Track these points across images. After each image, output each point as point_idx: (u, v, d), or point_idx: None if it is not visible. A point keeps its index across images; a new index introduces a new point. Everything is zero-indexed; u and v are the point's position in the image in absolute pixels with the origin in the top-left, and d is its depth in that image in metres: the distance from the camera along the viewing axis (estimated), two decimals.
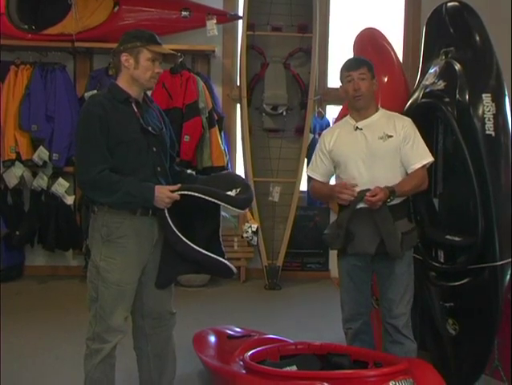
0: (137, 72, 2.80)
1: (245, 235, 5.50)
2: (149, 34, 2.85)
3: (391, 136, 3.09)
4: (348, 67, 3.16)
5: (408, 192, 3.15)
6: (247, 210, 4.74)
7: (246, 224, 5.52)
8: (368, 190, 2.99)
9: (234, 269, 2.87)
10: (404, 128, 3.12)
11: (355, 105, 3.16)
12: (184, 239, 2.73)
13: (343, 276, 3.22)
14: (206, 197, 2.71)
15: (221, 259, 2.80)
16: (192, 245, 2.73)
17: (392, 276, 3.11)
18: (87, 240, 2.99)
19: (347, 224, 3.04)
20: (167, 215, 2.73)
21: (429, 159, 3.15)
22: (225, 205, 2.76)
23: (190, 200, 2.73)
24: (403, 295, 3.12)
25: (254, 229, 5.52)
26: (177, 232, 2.73)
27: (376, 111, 3.18)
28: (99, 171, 2.69)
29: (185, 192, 2.72)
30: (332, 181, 3.32)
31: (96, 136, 2.71)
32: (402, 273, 3.11)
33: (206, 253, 2.75)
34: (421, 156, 3.12)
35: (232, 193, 2.81)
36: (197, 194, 2.72)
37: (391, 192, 3.00)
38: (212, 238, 2.88)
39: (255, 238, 5.52)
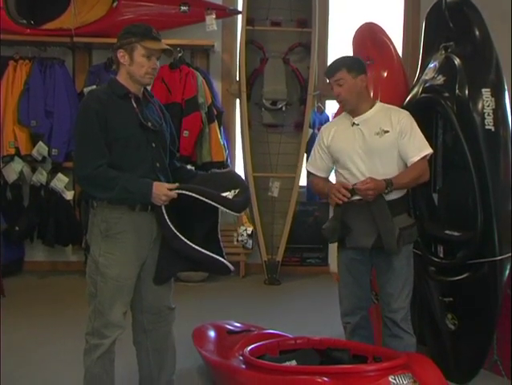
0: (132, 68, 2.79)
1: (240, 238, 5.50)
2: (145, 28, 2.81)
3: (387, 131, 3.07)
4: (326, 74, 3.16)
5: (408, 184, 3.12)
6: (242, 213, 4.72)
7: (242, 227, 5.51)
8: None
9: (231, 267, 2.87)
10: (400, 122, 3.09)
11: (345, 109, 3.15)
12: (180, 236, 2.73)
13: (341, 269, 3.23)
14: (203, 198, 2.72)
15: (217, 257, 2.80)
16: (188, 242, 2.73)
17: (390, 270, 3.11)
18: (87, 235, 2.99)
19: (342, 217, 3.04)
20: (164, 212, 2.73)
21: (427, 150, 3.11)
22: (221, 208, 2.77)
23: (188, 199, 2.73)
24: (401, 289, 3.12)
25: (249, 232, 5.53)
26: (173, 229, 2.73)
27: (372, 106, 3.15)
28: (97, 166, 2.68)
29: (182, 192, 2.73)
30: (332, 176, 3.31)
31: (94, 132, 2.71)
32: (401, 267, 3.11)
33: (202, 250, 2.75)
34: (419, 149, 3.09)
35: (230, 194, 2.81)
36: (193, 194, 2.73)
37: (387, 183, 2.99)
38: (210, 236, 2.88)
39: (250, 241, 5.53)
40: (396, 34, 5.77)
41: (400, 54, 4.44)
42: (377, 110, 3.15)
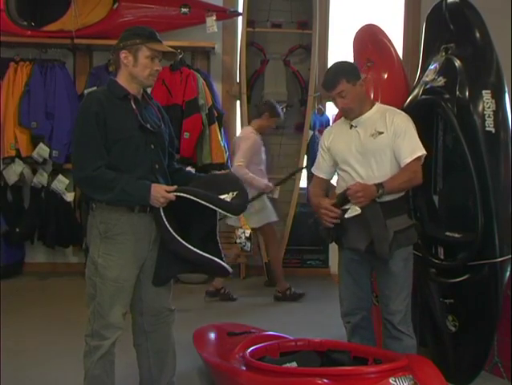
0: (136, 70, 2.80)
1: (238, 241, 5.48)
2: (149, 31, 2.83)
3: (381, 133, 3.05)
4: (324, 87, 3.13)
5: (400, 187, 3.06)
6: (241, 216, 4.71)
7: (240, 229, 5.49)
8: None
9: (230, 269, 2.86)
10: (393, 123, 3.05)
11: (348, 117, 3.14)
12: (177, 238, 2.72)
13: (341, 269, 3.23)
14: (201, 201, 2.72)
15: (215, 258, 2.80)
16: (185, 244, 2.73)
17: (387, 273, 3.09)
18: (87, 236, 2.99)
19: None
20: (162, 213, 2.73)
21: (420, 152, 3.05)
22: (219, 210, 2.78)
23: (186, 201, 2.74)
24: (399, 292, 3.09)
25: (247, 235, 5.51)
26: (171, 230, 2.73)
27: (371, 107, 3.14)
28: (95, 168, 2.69)
29: (181, 194, 2.73)
30: (334, 179, 3.31)
31: (93, 133, 2.71)
32: (398, 270, 3.08)
33: (200, 252, 2.75)
34: (412, 150, 3.04)
35: (228, 197, 2.81)
36: (191, 197, 2.73)
37: (378, 187, 2.95)
38: (208, 238, 2.88)
39: (248, 244, 5.50)
40: (396, 36, 5.78)
41: (401, 55, 4.44)
42: (375, 111, 3.13)
